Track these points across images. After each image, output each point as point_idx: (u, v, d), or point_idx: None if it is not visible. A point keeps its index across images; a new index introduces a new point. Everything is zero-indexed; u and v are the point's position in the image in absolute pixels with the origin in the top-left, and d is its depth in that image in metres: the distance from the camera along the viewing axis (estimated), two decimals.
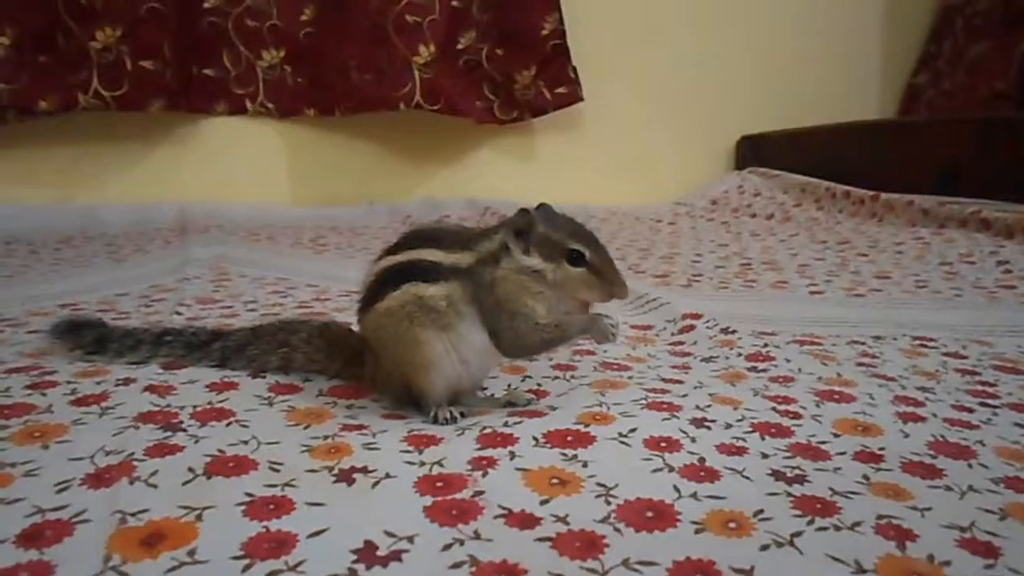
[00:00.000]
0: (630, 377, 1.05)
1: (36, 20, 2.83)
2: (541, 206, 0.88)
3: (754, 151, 3.76)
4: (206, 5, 3.12)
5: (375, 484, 0.70)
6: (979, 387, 1.08)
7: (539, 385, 1.02)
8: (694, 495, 0.70)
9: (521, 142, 3.53)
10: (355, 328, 0.98)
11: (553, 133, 3.54)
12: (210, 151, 3.20)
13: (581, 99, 3.37)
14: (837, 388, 1.01)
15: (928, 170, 2.92)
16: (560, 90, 3.34)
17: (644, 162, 3.68)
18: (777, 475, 0.74)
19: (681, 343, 1.29)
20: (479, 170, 3.49)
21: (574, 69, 3.34)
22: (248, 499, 0.66)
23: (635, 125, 3.64)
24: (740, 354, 1.19)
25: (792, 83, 3.82)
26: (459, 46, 3.27)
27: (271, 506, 0.65)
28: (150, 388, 0.93)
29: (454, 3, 3.22)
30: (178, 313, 1.41)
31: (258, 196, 3.21)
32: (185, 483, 0.69)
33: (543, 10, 3.28)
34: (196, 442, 0.77)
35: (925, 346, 1.29)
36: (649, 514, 0.66)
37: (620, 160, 3.64)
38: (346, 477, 0.71)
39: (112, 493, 0.66)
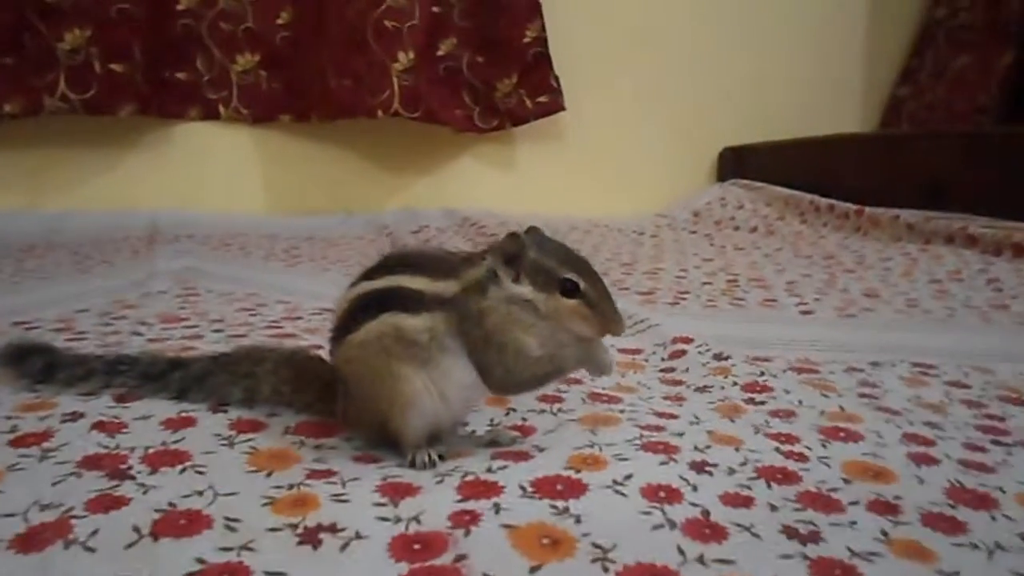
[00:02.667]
0: (621, 411, 0.98)
1: (1, 20, 2.73)
2: (531, 229, 0.81)
3: (736, 163, 3.72)
4: (179, 7, 3.03)
5: (344, 547, 0.62)
6: (988, 422, 1.02)
7: (524, 420, 0.95)
8: (700, 558, 0.63)
9: (501, 151, 3.47)
10: (327, 357, 0.90)
11: (533, 142, 3.48)
12: (181, 157, 3.11)
13: (563, 108, 3.32)
14: (842, 424, 0.95)
15: (913, 184, 2.89)
16: (542, 99, 3.28)
17: (625, 173, 3.63)
18: (789, 532, 0.67)
19: (672, 369, 1.22)
20: (458, 179, 3.42)
21: (556, 78, 3.28)
22: (199, 567, 0.58)
23: (616, 135, 3.58)
24: (736, 383, 1.12)
25: (774, 95, 3.78)
26: (439, 53, 3.20)
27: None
28: (99, 425, 0.84)
29: (434, 9, 3.15)
30: (138, 334, 1.32)
31: (230, 204, 3.12)
32: (128, 546, 0.60)
33: (525, 18, 3.22)
34: (145, 492, 0.69)
35: (926, 374, 1.24)
36: None
37: (601, 171, 3.58)
38: (311, 538, 0.63)
39: (43, 561, 0.58)
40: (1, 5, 2.73)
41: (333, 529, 0.64)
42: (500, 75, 3.24)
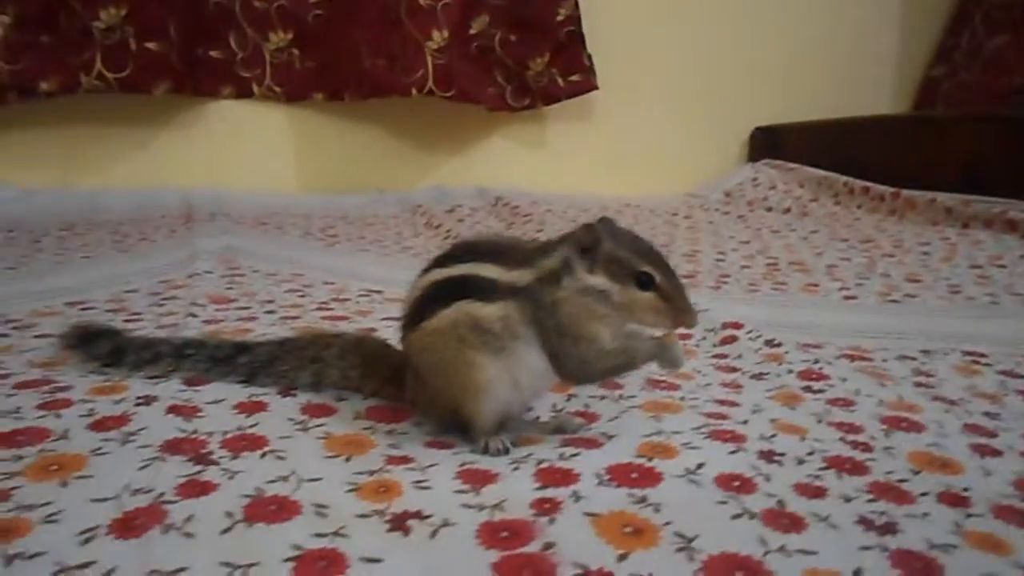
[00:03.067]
0: (682, 398, 0.99)
1: None
2: (604, 220, 0.82)
3: (767, 143, 3.69)
4: None
5: (433, 533, 0.63)
6: None
7: (587, 406, 0.96)
8: (782, 549, 0.63)
9: (532, 130, 3.45)
10: (393, 343, 0.91)
11: (565, 122, 3.46)
12: (215, 135, 3.11)
13: (595, 87, 3.29)
14: (903, 414, 0.95)
15: (947, 166, 2.86)
16: (574, 78, 3.26)
17: (656, 152, 3.61)
18: (866, 524, 0.68)
19: (725, 356, 1.23)
20: (489, 158, 3.41)
21: (589, 57, 3.26)
22: (296, 553, 0.59)
23: (647, 115, 3.56)
24: (791, 371, 1.12)
25: (806, 74, 3.74)
26: (471, 31, 3.18)
27: (322, 562, 0.58)
28: (174, 409, 0.86)
29: None
30: (193, 315, 1.34)
31: (264, 182, 3.12)
32: (224, 532, 0.62)
33: None
34: (231, 478, 0.71)
35: (977, 362, 1.24)
36: (740, 574, 0.60)
37: (631, 150, 3.56)
38: (400, 524, 0.64)
39: (144, 545, 0.60)
40: None
41: (420, 516, 0.65)
42: (532, 54, 3.22)
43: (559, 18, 3.20)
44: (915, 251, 2.22)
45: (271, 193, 3.04)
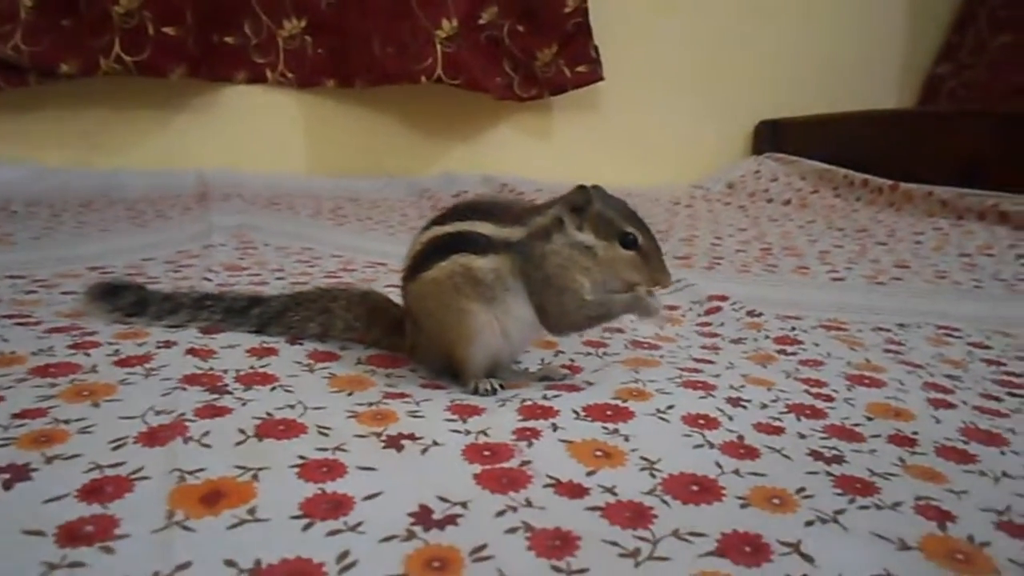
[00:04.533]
0: (661, 356, 1.06)
1: None
2: (595, 186, 0.89)
3: (771, 136, 3.75)
4: None
5: (424, 451, 0.71)
6: (1005, 377, 1.09)
7: (572, 360, 1.04)
8: (736, 471, 0.71)
9: (539, 120, 3.52)
10: (396, 298, 0.99)
11: (571, 112, 3.53)
12: (229, 119, 3.19)
13: (602, 78, 3.36)
14: (867, 373, 1.02)
15: (949, 163, 2.91)
16: (580, 69, 3.33)
17: (660, 144, 3.67)
18: (816, 455, 0.76)
19: (708, 324, 1.30)
20: (496, 147, 3.48)
21: (595, 48, 3.33)
22: (301, 461, 0.67)
23: (653, 106, 3.62)
24: (768, 337, 1.20)
25: (812, 69, 3.79)
26: (481, 21, 3.25)
27: (324, 469, 0.66)
28: (191, 351, 0.94)
29: None
30: (207, 279, 1.42)
31: (275, 165, 3.20)
32: (238, 444, 0.70)
33: None
34: (243, 405, 0.79)
35: (950, 335, 1.30)
36: (694, 488, 0.67)
37: (636, 141, 3.62)
38: (394, 443, 0.72)
39: (168, 452, 0.68)
40: None
41: (412, 437, 0.74)
42: (540, 44, 3.28)
43: (567, 10, 3.27)
44: (908, 240, 2.28)
45: (282, 175, 3.12)
